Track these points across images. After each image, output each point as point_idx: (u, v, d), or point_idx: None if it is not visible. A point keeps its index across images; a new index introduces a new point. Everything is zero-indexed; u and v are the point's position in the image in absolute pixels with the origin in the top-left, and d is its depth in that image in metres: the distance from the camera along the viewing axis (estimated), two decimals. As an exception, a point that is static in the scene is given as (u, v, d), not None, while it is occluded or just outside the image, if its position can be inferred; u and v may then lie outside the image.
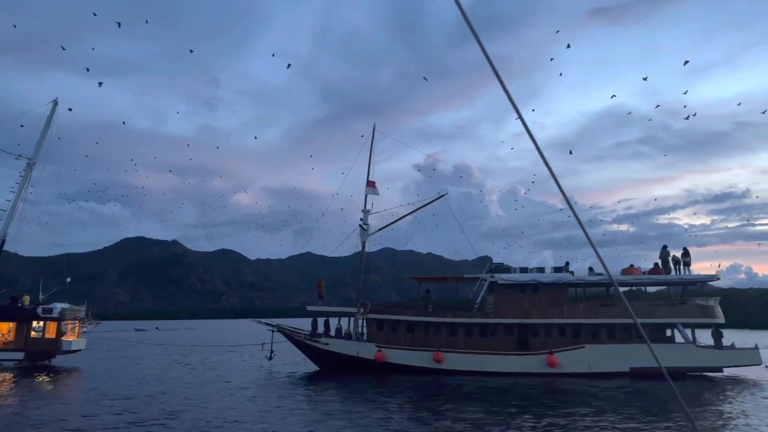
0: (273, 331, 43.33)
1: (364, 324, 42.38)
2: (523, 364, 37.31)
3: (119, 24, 52.14)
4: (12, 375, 40.04)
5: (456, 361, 38.00)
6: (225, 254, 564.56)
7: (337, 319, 43.66)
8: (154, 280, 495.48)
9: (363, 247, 44.22)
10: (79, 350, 48.60)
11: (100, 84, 66.16)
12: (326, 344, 40.91)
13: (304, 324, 46.15)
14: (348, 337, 41.72)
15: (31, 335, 46.23)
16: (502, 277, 39.02)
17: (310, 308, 43.27)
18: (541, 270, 40.46)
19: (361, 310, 40.46)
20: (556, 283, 38.69)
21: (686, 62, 62.86)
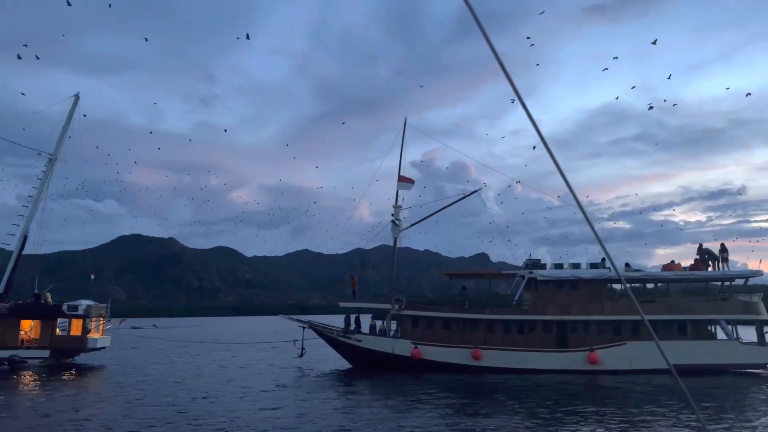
0: (304, 327, 42.86)
1: (393, 320, 42.04)
2: (563, 362, 36.92)
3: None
4: (42, 373, 39.44)
5: (495, 358, 37.58)
6: (222, 252, 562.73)
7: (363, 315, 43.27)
8: (151, 277, 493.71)
9: (395, 242, 43.81)
10: (104, 348, 47.98)
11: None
12: (359, 341, 40.44)
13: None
14: (383, 333, 41.24)
15: (57, 333, 45.61)
16: (541, 274, 38.59)
17: (342, 305, 42.85)
18: (576, 266, 40.07)
19: (396, 306, 39.98)
20: (597, 279, 38.27)
21: (654, 41, 60.43)
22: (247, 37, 74.19)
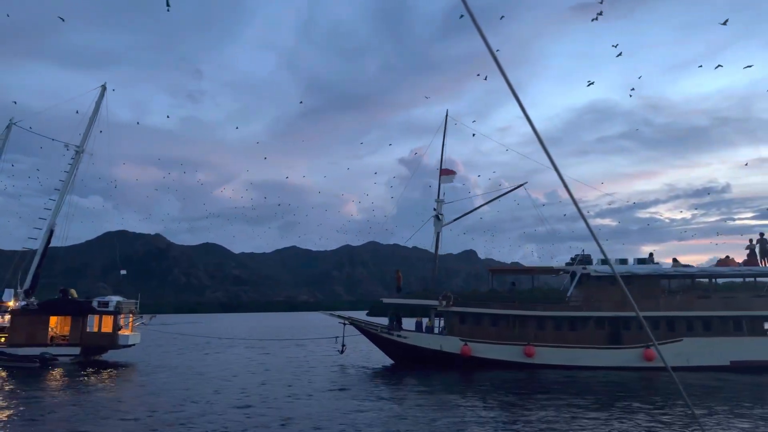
0: (345, 324, 42.06)
1: (434, 317, 41.45)
2: (618, 358, 36.44)
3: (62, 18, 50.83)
4: (79, 371, 38.35)
5: (548, 355, 37.03)
6: (209, 248, 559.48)
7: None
8: (138, 274, 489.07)
9: (438, 238, 43.06)
10: (134, 345, 46.93)
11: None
12: (405, 338, 39.73)
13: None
14: (429, 330, 40.54)
15: (87, 329, 44.53)
16: (594, 269, 38.05)
17: (386, 300, 42.14)
18: (623, 262, 39.61)
19: (443, 303, 39.27)
20: (651, 275, 37.80)
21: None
22: (167, 4, 70.66)
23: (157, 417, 22.23)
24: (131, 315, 47.21)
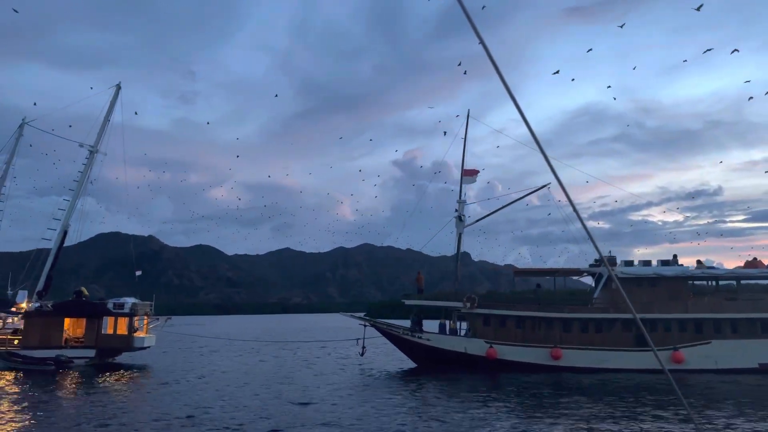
0: (366, 326, 41.64)
1: (456, 319, 41.13)
2: (646, 361, 36.09)
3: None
4: (99, 374, 37.77)
5: (575, 357, 36.72)
6: (202, 249, 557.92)
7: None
8: (131, 275, 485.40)
9: (459, 239, 42.69)
10: (149, 347, 46.35)
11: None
12: (428, 340, 39.34)
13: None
14: (453, 332, 40.18)
15: (102, 331, 43.89)
16: (622, 271, 37.75)
17: (408, 302, 41.65)
18: (647, 264, 39.36)
19: (468, 304, 38.90)
20: (678, 276, 37.55)
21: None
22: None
23: (188, 420, 21.86)
24: (146, 317, 46.62)
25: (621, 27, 45.60)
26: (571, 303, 39.76)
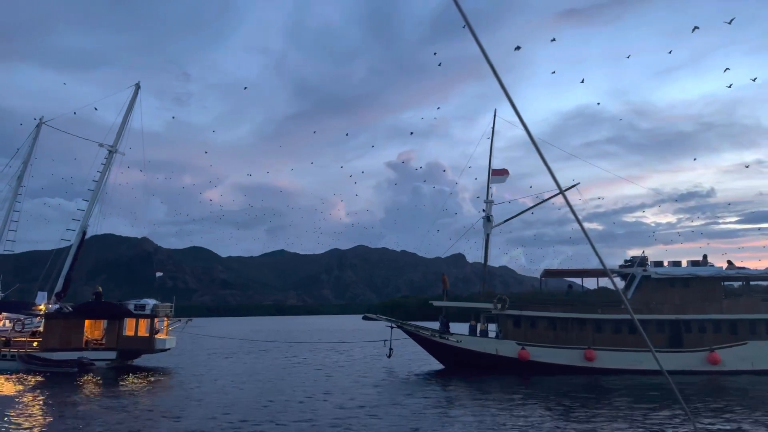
0: (392, 327, 41.13)
1: (485, 321, 40.74)
2: (681, 362, 35.76)
3: None
4: (123, 376, 37.16)
5: (609, 359, 36.34)
6: (196, 251, 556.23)
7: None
8: (124, 277, 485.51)
9: (487, 240, 42.25)
10: (170, 349, 45.75)
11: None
12: (458, 341, 38.88)
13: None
14: (483, 334, 39.74)
15: (123, 333, 43.26)
16: (656, 271, 37.42)
17: (436, 304, 41.22)
18: (677, 264, 39.07)
19: (498, 306, 38.48)
20: (713, 277, 37.24)
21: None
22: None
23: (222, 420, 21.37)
24: (166, 318, 46.03)
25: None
26: (603, 304, 39.28)
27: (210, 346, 62.48)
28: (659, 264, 39.25)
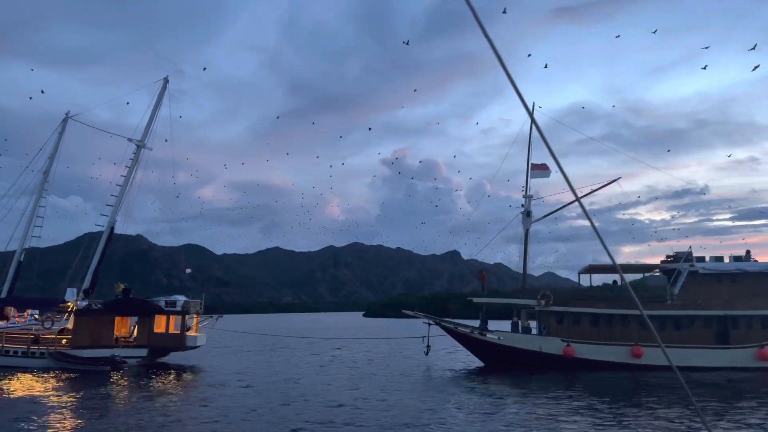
0: (430, 324, 40.50)
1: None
2: (731, 359, 35.41)
3: None
4: (158, 375, 36.47)
5: (656, 355, 35.76)
6: (191, 249, 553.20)
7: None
8: (119, 275, 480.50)
9: (527, 235, 41.67)
10: (200, 346, 44.99)
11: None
12: (499, 338, 38.31)
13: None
14: (526, 331, 39.19)
15: (154, 330, 42.49)
16: (703, 266, 36.95)
17: (476, 300, 40.69)
18: (719, 260, 38.64)
19: (542, 302, 37.92)
20: (762, 272, 36.79)
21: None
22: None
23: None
24: (195, 315, 45.27)
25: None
26: (647, 300, 38.77)
27: (235, 343, 61.77)
28: (701, 260, 38.81)
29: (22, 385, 31.12)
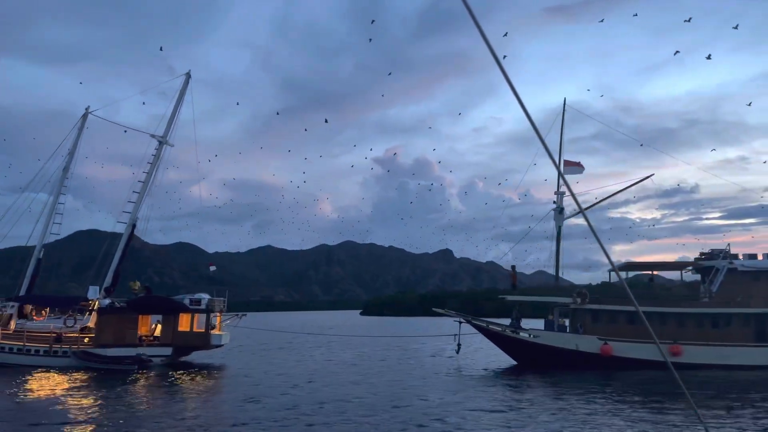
0: (461, 322, 39.96)
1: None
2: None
3: None
4: (191, 375, 35.76)
5: (696, 354, 35.41)
6: (182, 247, 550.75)
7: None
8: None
9: (559, 232, 41.20)
10: (224, 345, 44.26)
11: None
12: (536, 337, 37.82)
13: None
14: (562, 329, 38.73)
15: (179, 329, 41.69)
16: (743, 264, 36.58)
17: (510, 298, 40.18)
18: (752, 257, 38.32)
19: (578, 300, 37.46)
20: (803, 269, 36.47)
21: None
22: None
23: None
24: (219, 313, 44.53)
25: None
26: (683, 297, 38.40)
27: (250, 341, 60.99)
28: (734, 257, 38.47)
29: (48, 384, 30.62)
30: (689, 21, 45.87)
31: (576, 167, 40.99)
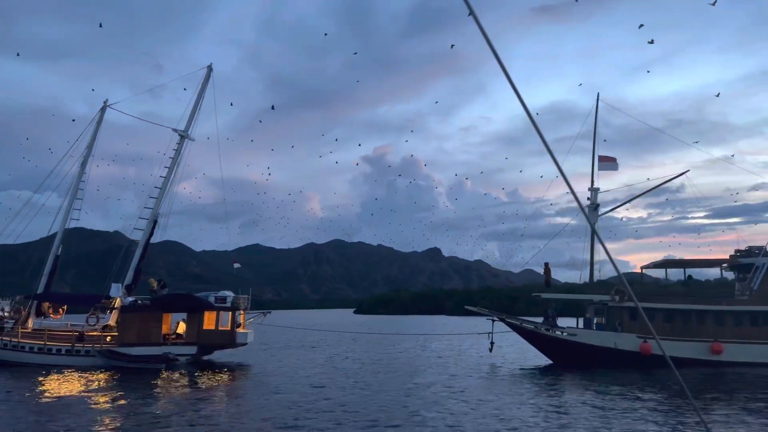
0: (494, 320, 39.37)
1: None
2: None
3: None
4: (225, 375, 34.95)
5: (738, 352, 35.06)
6: (169, 246, 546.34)
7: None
8: (96, 272, 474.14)
9: (593, 229, 40.47)
10: (248, 343, 43.37)
11: None
12: (573, 335, 37.27)
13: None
14: (601, 327, 38.21)
15: (204, 327, 40.75)
16: (777, 262, 36.27)
17: (544, 296, 39.56)
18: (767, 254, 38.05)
19: (616, 297, 36.95)
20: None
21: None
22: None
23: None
24: (242, 311, 43.62)
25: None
26: (720, 295, 38.00)
27: (275, 339, 60.11)
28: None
29: (75, 384, 29.88)
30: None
31: (611, 163, 40.46)
